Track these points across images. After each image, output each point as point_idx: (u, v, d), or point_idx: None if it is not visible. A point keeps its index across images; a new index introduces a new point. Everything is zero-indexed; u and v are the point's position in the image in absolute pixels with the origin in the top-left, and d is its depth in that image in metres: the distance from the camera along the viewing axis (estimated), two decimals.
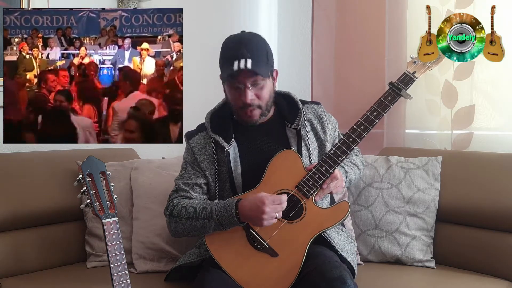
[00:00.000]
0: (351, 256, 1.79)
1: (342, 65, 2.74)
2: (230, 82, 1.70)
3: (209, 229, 1.67)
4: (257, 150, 1.79)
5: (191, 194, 1.77)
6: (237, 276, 1.64)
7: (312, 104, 1.90)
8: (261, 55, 1.69)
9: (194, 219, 1.68)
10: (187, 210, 1.70)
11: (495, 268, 1.94)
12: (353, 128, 1.70)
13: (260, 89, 1.71)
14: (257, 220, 1.59)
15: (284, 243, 1.65)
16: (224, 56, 1.71)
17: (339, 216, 1.67)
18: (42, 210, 2.01)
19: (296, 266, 1.61)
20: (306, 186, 1.67)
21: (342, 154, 1.68)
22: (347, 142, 1.69)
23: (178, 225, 1.73)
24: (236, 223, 1.63)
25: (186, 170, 1.82)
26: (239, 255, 1.66)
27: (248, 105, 1.71)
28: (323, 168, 1.67)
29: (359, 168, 1.99)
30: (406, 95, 1.70)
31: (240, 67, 1.62)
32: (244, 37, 1.70)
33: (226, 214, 1.63)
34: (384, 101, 1.70)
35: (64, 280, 1.88)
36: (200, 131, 1.85)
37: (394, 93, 1.70)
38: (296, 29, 2.97)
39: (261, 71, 1.66)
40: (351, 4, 2.72)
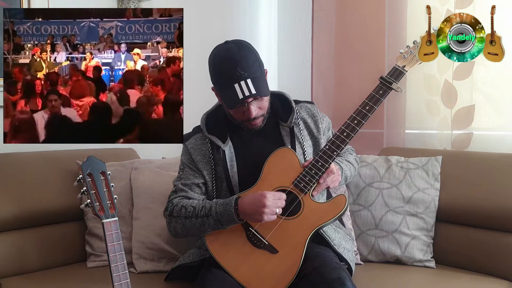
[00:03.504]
0: (348, 253, 1.79)
1: (342, 65, 2.74)
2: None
3: (208, 227, 1.67)
4: (252, 149, 1.80)
5: (190, 194, 1.78)
6: (238, 275, 1.64)
7: (305, 103, 1.91)
8: (256, 68, 1.67)
9: (193, 217, 1.68)
10: (186, 209, 1.71)
11: (495, 268, 1.94)
12: (346, 122, 1.72)
13: (261, 101, 1.72)
14: (258, 214, 1.59)
15: (283, 240, 1.65)
16: (220, 78, 1.69)
17: (337, 210, 1.68)
18: (42, 210, 2.01)
19: (296, 262, 1.62)
20: (303, 182, 1.68)
21: (336, 148, 1.69)
22: (341, 137, 1.70)
23: (178, 225, 1.73)
24: (235, 219, 1.63)
25: (184, 171, 1.83)
26: (239, 254, 1.66)
27: (253, 119, 1.73)
28: (318, 164, 1.68)
29: (354, 166, 2.00)
30: (397, 87, 1.74)
31: (245, 94, 1.62)
32: (233, 52, 1.66)
33: (225, 211, 1.64)
34: (376, 95, 1.73)
35: (64, 280, 1.88)
36: (196, 132, 1.86)
37: (385, 87, 1.74)
38: (296, 29, 2.97)
39: (263, 91, 1.67)
40: (351, 4, 2.72)
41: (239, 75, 1.63)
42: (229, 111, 1.77)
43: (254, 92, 1.63)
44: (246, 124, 1.77)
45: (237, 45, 1.70)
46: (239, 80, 1.63)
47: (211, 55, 1.74)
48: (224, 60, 1.67)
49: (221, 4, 2.88)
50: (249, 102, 1.68)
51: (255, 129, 1.78)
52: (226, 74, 1.65)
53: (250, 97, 1.64)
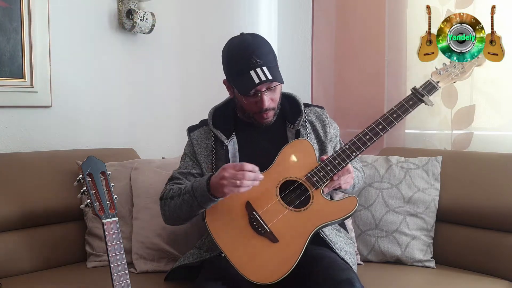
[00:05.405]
0: (350, 256, 1.78)
1: (342, 65, 2.74)
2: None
3: (186, 205, 1.63)
4: (256, 148, 1.79)
5: (183, 182, 1.77)
6: (233, 257, 1.59)
7: (315, 107, 1.90)
8: (271, 58, 1.69)
9: (176, 196, 1.68)
10: (173, 189, 1.71)
11: (495, 268, 1.94)
12: (371, 126, 1.69)
13: (274, 92, 1.72)
14: (220, 187, 1.54)
15: (285, 230, 1.61)
16: (235, 66, 1.69)
17: (346, 210, 1.64)
18: (42, 210, 2.01)
19: (295, 255, 1.57)
20: (316, 177, 1.66)
21: (357, 149, 1.67)
22: (363, 139, 1.68)
23: (166, 207, 1.72)
24: (205, 192, 1.57)
25: (185, 161, 1.83)
26: (238, 237, 1.62)
27: (265, 110, 1.72)
28: (335, 161, 1.66)
29: (361, 174, 1.99)
30: (428, 101, 1.70)
31: (261, 79, 1.62)
32: (249, 42, 1.68)
33: (200, 185, 1.60)
34: (405, 104, 1.70)
35: (64, 280, 1.88)
36: (202, 125, 1.86)
37: (416, 98, 1.70)
38: (296, 29, 2.97)
39: (278, 78, 1.66)
40: (351, 4, 2.72)
41: (255, 62, 1.63)
42: (241, 104, 1.75)
43: (270, 77, 1.63)
44: (257, 117, 1.75)
45: (252, 36, 1.72)
46: (255, 67, 1.63)
47: (225, 47, 1.74)
48: (240, 50, 1.68)
49: (221, 4, 2.88)
50: (262, 91, 1.67)
51: (266, 123, 1.77)
52: (242, 62, 1.65)
53: (266, 82, 1.63)
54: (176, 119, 2.68)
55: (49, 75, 2.22)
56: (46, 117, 2.25)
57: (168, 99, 2.68)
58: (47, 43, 2.21)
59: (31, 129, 2.21)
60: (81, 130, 2.36)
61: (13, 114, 2.16)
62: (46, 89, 2.22)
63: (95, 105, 2.40)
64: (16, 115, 2.17)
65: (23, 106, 2.18)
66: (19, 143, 2.18)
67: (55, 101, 2.26)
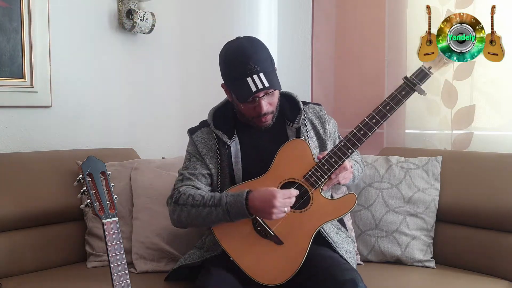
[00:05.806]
0: (350, 255, 1.79)
1: (342, 65, 2.74)
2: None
3: (215, 218, 1.65)
4: (258, 148, 1.79)
5: (197, 183, 1.76)
6: (241, 262, 1.64)
7: (313, 104, 1.91)
8: (268, 63, 1.69)
9: (200, 206, 1.67)
10: (194, 197, 1.69)
11: (495, 268, 1.94)
12: (364, 120, 1.69)
13: (272, 97, 1.72)
14: (266, 213, 1.59)
15: (289, 232, 1.65)
16: (232, 72, 1.69)
17: (346, 207, 1.68)
18: (42, 210, 2.01)
19: (300, 255, 1.62)
20: (314, 177, 1.67)
21: (352, 146, 1.67)
22: (358, 135, 1.68)
23: (183, 213, 1.71)
24: (244, 212, 1.61)
25: (191, 161, 1.82)
26: (244, 242, 1.66)
27: (264, 114, 1.72)
28: (332, 160, 1.67)
29: (361, 166, 2.01)
30: (421, 90, 1.68)
31: (258, 87, 1.62)
32: (246, 47, 1.67)
33: (236, 202, 1.62)
34: (398, 95, 1.68)
35: (64, 280, 1.88)
36: (203, 126, 1.86)
37: (408, 88, 1.68)
38: (296, 29, 2.97)
39: (276, 84, 1.66)
40: (351, 4, 2.72)
41: (252, 69, 1.63)
42: (239, 108, 1.76)
43: (267, 85, 1.62)
44: (256, 121, 1.75)
45: (249, 41, 1.71)
46: (252, 74, 1.62)
47: (222, 51, 1.74)
48: (236, 56, 1.67)
49: (221, 4, 2.88)
50: (260, 97, 1.67)
51: (265, 126, 1.77)
52: (238, 68, 1.65)
53: (263, 90, 1.63)
54: (176, 119, 2.68)
55: (49, 75, 2.22)
56: (46, 117, 2.25)
57: (168, 99, 2.68)
58: (47, 43, 2.21)
59: (31, 129, 2.21)
60: (81, 130, 2.36)
61: (13, 114, 2.16)
62: (46, 89, 2.22)
63: (95, 105, 2.40)
64: (16, 115, 2.17)
65: (23, 106, 2.18)
66: (19, 143, 2.18)
67: (55, 101, 2.26)
